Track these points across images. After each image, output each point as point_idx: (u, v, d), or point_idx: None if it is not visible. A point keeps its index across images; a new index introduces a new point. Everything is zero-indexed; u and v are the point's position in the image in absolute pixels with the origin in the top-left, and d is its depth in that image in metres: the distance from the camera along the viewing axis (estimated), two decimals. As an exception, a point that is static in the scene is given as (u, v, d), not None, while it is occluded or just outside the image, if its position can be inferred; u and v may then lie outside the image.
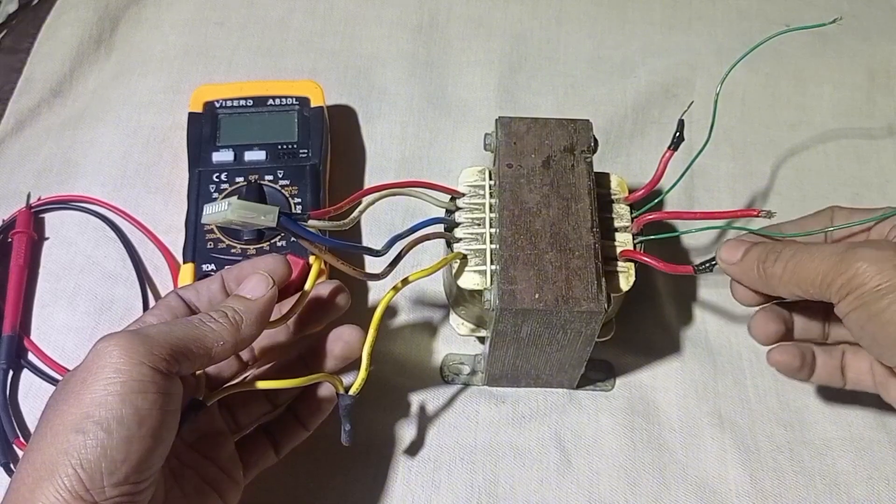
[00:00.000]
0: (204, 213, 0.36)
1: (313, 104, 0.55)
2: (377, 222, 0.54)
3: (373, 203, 0.41)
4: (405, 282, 0.42)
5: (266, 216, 0.34)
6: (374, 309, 0.41)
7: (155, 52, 0.62)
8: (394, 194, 0.42)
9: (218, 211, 0.34)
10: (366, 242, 0.54)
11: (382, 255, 0.39)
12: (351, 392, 0.40)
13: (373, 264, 0.42)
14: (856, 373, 0.43)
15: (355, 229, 0.55)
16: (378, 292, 0.52)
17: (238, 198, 0.52)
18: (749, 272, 0.40)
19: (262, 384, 0.39)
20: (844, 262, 0.36)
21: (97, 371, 0.32)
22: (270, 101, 0.55)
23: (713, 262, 0.41)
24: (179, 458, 0.39)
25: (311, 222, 0.36)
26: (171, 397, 0.34)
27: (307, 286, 0.40)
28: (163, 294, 0.52)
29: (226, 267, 0.42)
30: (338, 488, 0.46)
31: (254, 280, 0.39)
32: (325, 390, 0.43)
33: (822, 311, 0.43)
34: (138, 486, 0.32)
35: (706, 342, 0.51)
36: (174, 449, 0.35)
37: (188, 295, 0.40)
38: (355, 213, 0.40)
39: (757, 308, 0.43)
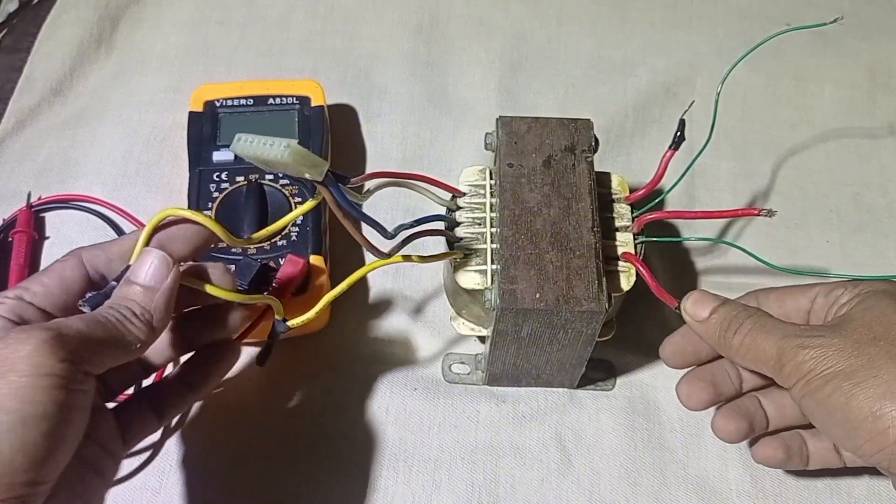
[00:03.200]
0: (246, 143, 0.32)
1: (314, 103, 0.55)
2: (377, 218, 0.54)
3: (382, 187, 0.41)
4: (405, 258, 0.41)
5: (314, 169, 0.32)
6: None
7: (155, 51, 0.62)
8: (399, 184, 0.42)
9: (270, 147, 0.31)
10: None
11: (392, 237, 0.39)
12: (290, 323, 0.41)
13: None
14: (820, 452, 0.42)
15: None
16: (378, 293, 0.52)
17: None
18: (712, 335, 0.40)
19: (211, 289, 0.37)
20: (791, 350, 0.37)
21: (3, 364, 0.30)
22: (271, 101, 0.55)
23: None
24: None
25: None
26: (82, 395, 0.31)
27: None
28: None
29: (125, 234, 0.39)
30: (338, 488, 0.46)
31: (147, 261, 0.35)
32: (227, 354, 0.42)
33: None
34: (35, 489, 0.30)
35: (707, 342, 0.51)
36: None
37: (96, 260, 0.37)
38: (368, 191, 0.40)
39: (705, 402, 0.43)
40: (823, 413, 0.36)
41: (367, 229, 0.38)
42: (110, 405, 0.40)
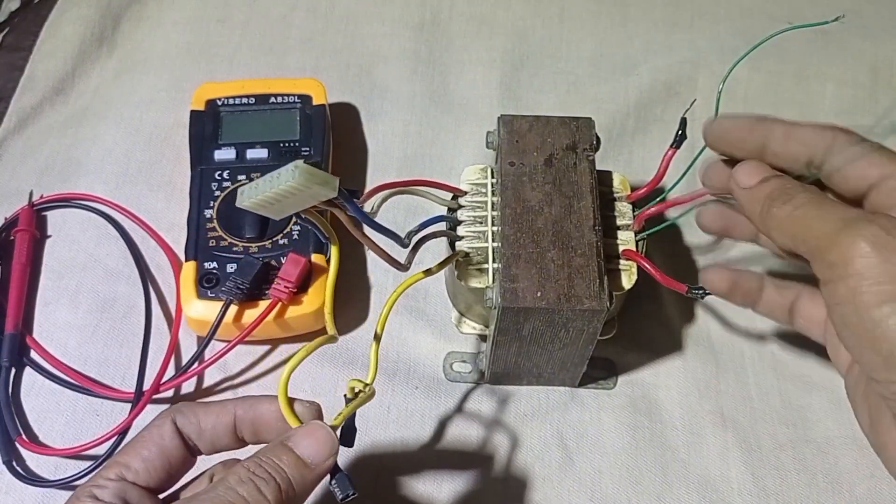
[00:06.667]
0: (253, 189, 0.31)
1: (315, 102, 0.55)
2: (380, 222, 0.54)
3: (385, 199, 0.41)
4: (426, 273, 0.41)
5: (326, 185, 0.32)
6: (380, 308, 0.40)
7: (157, 49, 0.62)
8: (401, 192, 0.42)
9: (278, 178, 0.30)
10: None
11: (407, 245, 0.39)
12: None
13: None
14: (806, 320, 0.39)
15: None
16: (380, 292, 0.52)
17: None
18: (754, 203, 0.35)
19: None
20: (844, 234, 0.30)
21: None
22: (272, 99, 0.55)
23: (706, 292, 0.41)
24: None
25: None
26: None
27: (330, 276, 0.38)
28: (165, 293, 0.52)
29: (240, 397, 0.35)
30: (340, 486, 0.46)
31: (316, 435, 0.31)
32: None
33: None
34: None
35: (708, 340, 0.51)
36: None
37: (188, 429, 0.34)
38: (375, 207, 0.40)
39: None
40: (861, 331, 0.29)
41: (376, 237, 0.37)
42: None
